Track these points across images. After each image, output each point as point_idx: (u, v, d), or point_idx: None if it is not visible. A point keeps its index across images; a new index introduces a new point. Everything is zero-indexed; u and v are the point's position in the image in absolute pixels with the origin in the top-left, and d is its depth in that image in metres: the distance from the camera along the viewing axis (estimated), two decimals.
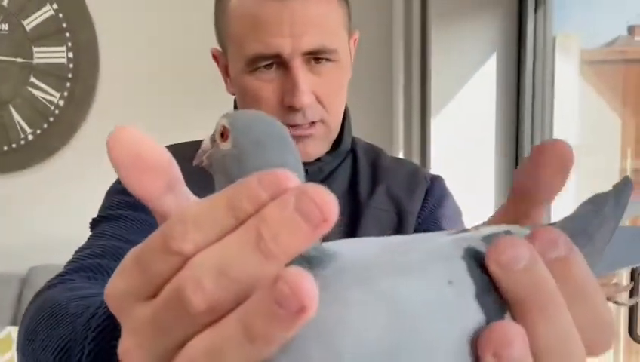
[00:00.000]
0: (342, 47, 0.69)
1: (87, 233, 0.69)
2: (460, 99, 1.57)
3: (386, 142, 1.80)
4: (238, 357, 0.19)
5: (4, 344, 1.92)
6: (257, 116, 0.26)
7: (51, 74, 2.16)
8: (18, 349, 0.50)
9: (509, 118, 1.57)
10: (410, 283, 0.21)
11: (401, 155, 1.73)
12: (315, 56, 0.66)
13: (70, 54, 2.15)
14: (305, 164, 0.71)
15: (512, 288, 0.21)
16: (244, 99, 0.70)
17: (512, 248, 0.21)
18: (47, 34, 2.14)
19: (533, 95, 1.53)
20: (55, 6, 2.13)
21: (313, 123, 0.68)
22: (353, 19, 0.75)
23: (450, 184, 0.82)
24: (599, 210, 0.26)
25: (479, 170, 1.57)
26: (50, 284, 0.56)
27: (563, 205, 0.43)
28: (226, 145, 0.25)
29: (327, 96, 0.68)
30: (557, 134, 1.54)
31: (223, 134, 0.25)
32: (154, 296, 0.21)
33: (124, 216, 0.67)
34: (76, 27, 2.14)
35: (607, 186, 0.28)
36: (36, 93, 2.17)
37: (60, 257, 0.61)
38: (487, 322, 0.21)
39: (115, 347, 0.35)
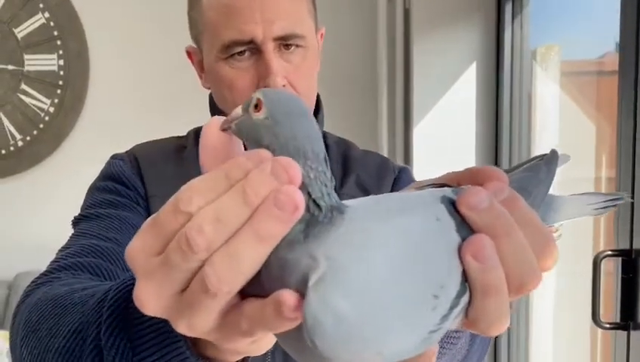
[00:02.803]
0: (310, 35, 0.72)
1: None
2: (441, 107, 1.62)
3: (371, 149, 1.84)
4: (252, 256, 0.26)
5: None
6: (286, 93, 0.32)
7: (42, 81, 2.18)
8: (16, 345, 0.49)
9: (488, 126, 1.62)
10: (411, 219, 0.29)
11: None
12: (285, 43, 0.69)
13: (61, 62, 2.18)
14: None
15: (479, 221, 0.29)
16: (219, 88, 0.73)
17: (476, 194, 0.30)
18: (39, 42, 2.17)
19: (511, 103, 1.58)
20: (47, 14, 2.16)
21: None
22: (338, 29, 0.79)
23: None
24: (536, 175, 0.35)
25: None
26: (39, 283, 0.56)
27: None
28: (259, 115, 0.29)
29: (298, 82, 0.71)
30: (534, 142, 1.59)
31: (257, 105, 0.29)
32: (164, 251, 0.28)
33: (104, 215, 0.68)
34: (67, 35, 2.17)
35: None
36: (27, 100, 2.19)
37: (47, 263, 0.62)
38: None
39: (132, 317, 0.38)
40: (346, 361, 0.26)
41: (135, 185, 0.73)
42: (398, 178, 0.82)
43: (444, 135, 1.62)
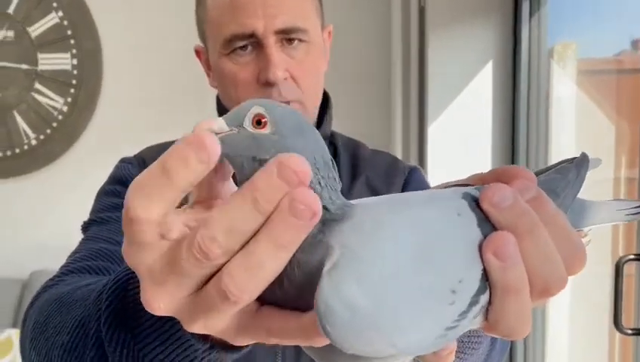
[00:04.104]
0: (313, 30, 0.72)
1: None
2: (456, 106, 1.59)
3: (384, 150, 1.83)
4: (272, 264, 0.26)
5: (5, 346, 1.93)
6: (287, 107, 0.30)
7: (55, 80, 2.19)
8: (25, 349, 0.49)
9: (504, 125, 1.59)
10: (430, 212, 0.28)
11: None
12: (287, 37, 0.69)
13: (74, 61, 2.18)
14: None
15: (502, 218, 0.28)
16: (223, 83, 0.73)
17: (500, 191, 0.28)
18: (52, 41, 2.18)
19: (529, 102, 1.55)
20: (60, 13, 2.16)
21: (289, 103, 0.70)
22: (351, 27, 0.78)
23: None
24: (564, 177, 0.33)
25: None
26: (47, 286, 0.56)
27: None
28: (263, 131, 0.28)
29: (301, 76, 0.70)
30: (552, 142, 1.56)
31: (260, 121, 0.28)
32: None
33: (113, 219, 0.68)
34: (81, 34, 2.17)
35: (603, 195, 0.34)
36: (40, 99, 2.20)
37: (61, 262, 0.63)
38: None
39: (131, 305, 0.37)
40: (358, 351, 0.26)
41: None
42: (408, 179, 0.80)
43: (460, 135, 1.59)
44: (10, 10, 2.16)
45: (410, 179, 0.80)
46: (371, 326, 0.25)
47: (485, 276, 0.28)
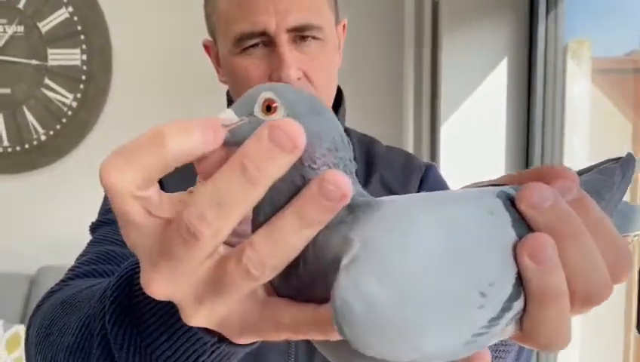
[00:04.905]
0: (327, 26, 0.69)
1: None
2: (470, 104, 1.57)
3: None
4: (296, 240, 0.24)
5: (13, 342, 1.93)
6: (296, 88, 0.27)
7: (65, 76, 2.19)
8: (31, 354, 0.48)
9: (519, 124, 1.57)
10: (460, 209, 0.26)
11: None
12: (300, 34, 0.66)
13: (84, 57, 2.17)
14: None
15: (541, 220, 0.26)
16: (234, 81, 0.71)
17: (539, 190, 0.26)
18: (62, 36, 2.17)
19: (544, 101, 1.52)
20: (70, 9, 2.16)
21: None
22: (363, 22, 0.76)
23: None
24: (609, 178, 0.31)
25: (489, 176, 1.56)
26: (52, 291, 0.55)
27: None
28: (274, 116, 0.25)
29: (314, 74, 0.68)
30: (567, 141, 1.53)
31: (270, 107, 0.26)
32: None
33: None
34: (91, 30, 2.16)
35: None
36: (50, 94, 2.19)
37: (70, 257, 0.62)
38: None
39: (136, 300, 0.35)
40: (377, 354, 0.24)
41: None
42: (425, 176, 0.78)
43: (473, 134, 1.57)
44: (21, 5, 2.16)
45: (427, 177, 0.78)
46: (392, 327, 0.23)
47: (520, 281, 0.25)
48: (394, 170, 0.77)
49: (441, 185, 0.79)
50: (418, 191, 0.77)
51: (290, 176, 0.24)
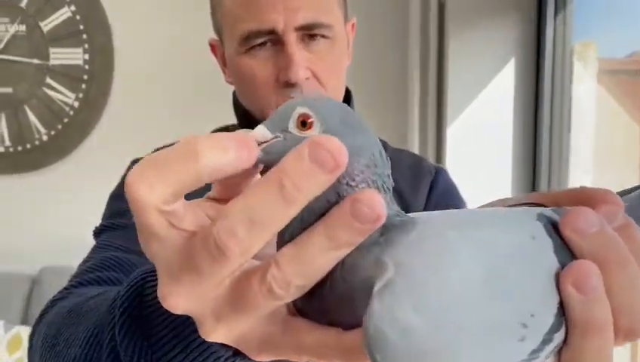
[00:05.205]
0: (337, 25, 0.67)
1: None
2: (476, 106, 1.55)
3: None
4: (324, 261, 0.23)
5: (14, 343, 1.92)
6: (330, 100, 0.26)
7: (67, 75, 2.17)
8: None
9: (526, 127, 1.55)
10: (500, 233, 0.25)
11: None
12: (309, 33, 0.65)
13: (86, 56, 2.16)
14: None
15: (586, 246, 0.25)
16: (240, 82, 0.69)
17: (585, 215, 0.25)
18: (64, 36, 2.15)
19: (552, 103, 1.51)
20: (72, 8, 2.14)
21: None
22: (368, 23, 0.74)
23: (466, 193, 0.80)
24: None
25: (496, 179, 1.55)
26: (56, 298, 0.54)
27: None
28: (309, 133, 0.24)
29: (323, 73, 0.66)
30: (574, 142, 1.51)
31: (305, 122, 0.24)
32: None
33: (124, 225, 0.65)
34: (93, 29, 2.15)
35: None
36: (52, 94, 2.18)
37: (71, 258, 0.60)
38: None
39: (148, 310, 0.34)
40: None
41: None
42: (435, 181, 0.77)
43: (480, 136, 1.55)
44: (23, 4, 2.14)
45: (437, 181, 0.77)
46: (430, 359, 0.22)
47: (562, 311, 0.24)
48: (403, 172, 0.76)
49: (451, 189, 0.78)
50: (428, 197, 0.75)
51: (325, 194, 0.23)
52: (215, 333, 0.25)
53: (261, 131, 0.25)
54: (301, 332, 0.25)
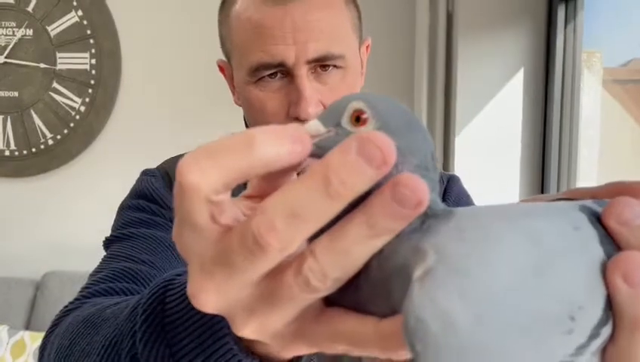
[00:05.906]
0: (350, 53, 0.65)
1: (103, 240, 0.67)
2: (484, 116, 1.54)
3: None
4: (362, 251, 0.22)
5: (18, 348, 1.91)
6: (389, 99, 0.25)
7: (74, 80, 2.17)
8: None
9: (535, 137, 1.54)
10: (543, 223, 0.24)
11: None
12: (321, 64, 0.63)
13: (93, 61, 2.16)
14: None
15: (633, 238, 0.24)
16: (250, 111, 0.68)
17: (631, 206, 0.24)
18: (72, 40, 2.16)
19: (561, 112, 1.50)
20: (80, 13, 2.14)
21: None
22: (375, 32, 0.73)
23: (475, 203, 0.80)
24: None
25: (504, 189, 1.54)
26: (68, 309, 0.53)
27: None
28: (363, 129, 0.24)
29: None
30: (582, 153, 1.50)
31: (360, 118, 0.24)
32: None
33: (136, 235, 0.64)
34: (100, 34, 2.15)
35: None
36: (58, 98, 2.18)
37: (75, 263, 0.60)
38: None
39: (170, 319, 0.34)
40: None
41: (168, 203, 0.69)
42: (448, 188, 0.76)
43: (488, 146, 1.54)
44: (30, 8, 2.14)
45: (450, 189, 0.76)
46: (474, 351, 0.21)
47: (609, 305, 0.23)
48: None
49: (464, 197, 0.77)
50: None
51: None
52: (247, 328, 0.25)
53: (315, 125, 0.24)
54: (336, 321, 0.25)
